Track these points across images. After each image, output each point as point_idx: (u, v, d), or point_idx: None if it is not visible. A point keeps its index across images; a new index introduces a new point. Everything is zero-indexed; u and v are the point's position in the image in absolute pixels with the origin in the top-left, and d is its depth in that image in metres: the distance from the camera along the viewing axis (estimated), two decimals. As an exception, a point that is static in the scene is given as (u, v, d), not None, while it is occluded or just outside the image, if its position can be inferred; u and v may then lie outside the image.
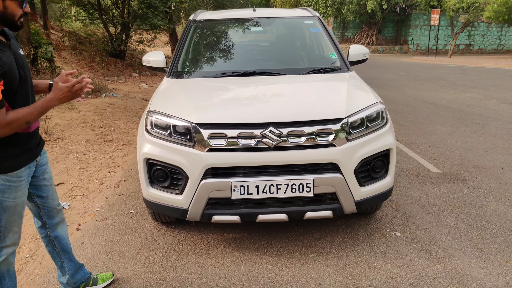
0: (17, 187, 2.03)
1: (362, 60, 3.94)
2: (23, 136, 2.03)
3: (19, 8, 1.89)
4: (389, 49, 29.25)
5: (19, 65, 1.92)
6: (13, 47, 1.97)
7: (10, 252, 2.12)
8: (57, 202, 2.40)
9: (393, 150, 2.93)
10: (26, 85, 1.99)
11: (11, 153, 1.97)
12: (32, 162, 2.13)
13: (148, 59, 3.98)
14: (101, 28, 15.36)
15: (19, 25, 1.94)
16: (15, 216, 2.07)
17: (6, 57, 1.83)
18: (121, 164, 5.13)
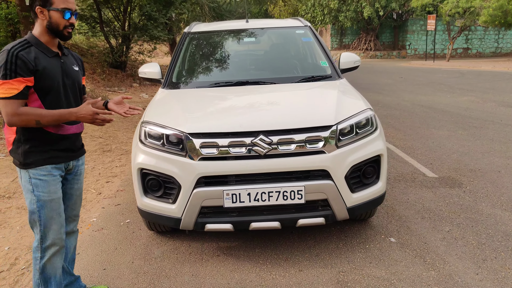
0: (49, 182, 2.14)
1: (353, 67, 3.99)
2: (55, 136, 2.15)
3: (62, 18, 2.06)
4: (387, 54, 29.40)
5: (64, 74, 2.16)
6: (65, 59, 2.21)
7: (53, 252, 2.20)
8: (76, 213, 2.47)
9: (384, 156, 2.96)
10: (67, 92, 2.19)
11: (40, 149, 2.11)
12: (63, 163, 2.22)
13: (144, 71, 4.05)
14: (102, 40, 15.54)
15: (66, 35, 2.12)
16: (53, 213, 2.16)
17: (47, 62, 2.05)
18: (119, 174, 5.16)
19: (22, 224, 3.75)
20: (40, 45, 2.08)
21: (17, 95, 1.96)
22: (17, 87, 1.95)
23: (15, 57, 1.95)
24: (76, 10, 2.15)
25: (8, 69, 1.94)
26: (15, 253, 3.25)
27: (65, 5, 2.07)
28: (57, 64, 2.12)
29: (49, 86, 2.07)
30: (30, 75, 1.98)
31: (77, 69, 2.29)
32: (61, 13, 2.05)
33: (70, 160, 2.28)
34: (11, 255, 3.22)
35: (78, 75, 2.30)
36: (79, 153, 2.37)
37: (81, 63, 2.42)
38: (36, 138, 2.10)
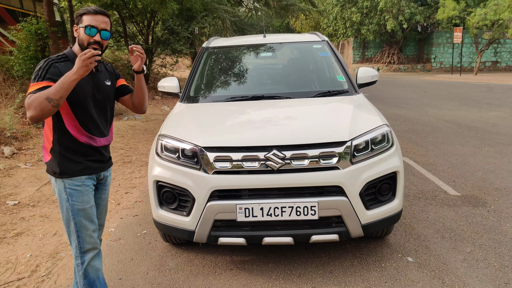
0: (83, 192, 2.24)
1: (371, 82, 3.96)
2: (86, 147, 2.24)
3: (85, 34, 2.14)
4: (411, 68, 29.02)
5: (95, 89, 2.25)
6: (98, 75, 2.30)
7: (91, 257, 2.29)
8: (101, 222, 2.53)
9: (400, 173, 2.90)
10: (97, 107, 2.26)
11: (74, 160, 2.21)
12: (95, 174, 2.32)
13: (163, 85, 4.15)
14: (126, 54, 15.96)
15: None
16: (86, 221, 2.25)
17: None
18: (138, 185, 5.24)
19: (44, 232, 3.85)
20: (74, 60, 2.13)
21: (37, 90, 2.01)
22: (39, 85, 2.03)
23: (49, 65, 2.09)
24: (106, 29, 2.20)
25: (39, 75, 2.07)
26: (37, 260, 3.33)
27: (90, 22, 2.15)
28: (89, 80, 2.20)
29: (79, 99, 2.15)
30: (54, 81, 2.04)
31: (109, 84, 2.37)
32: (84, 29, 2.15)
33: (101, 171, 2.37)
34: (33, 262, 3.30)
35: (110, 91, 2.39)
36: (108, 164, 2.45)
37: (112, 69, 2.49)
38: (70, 149, 2.20)
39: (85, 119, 2.21)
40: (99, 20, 2.17)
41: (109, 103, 2.38)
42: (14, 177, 5.39)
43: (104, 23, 2.19)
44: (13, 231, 3.87)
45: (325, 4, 30.11)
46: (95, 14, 2.17)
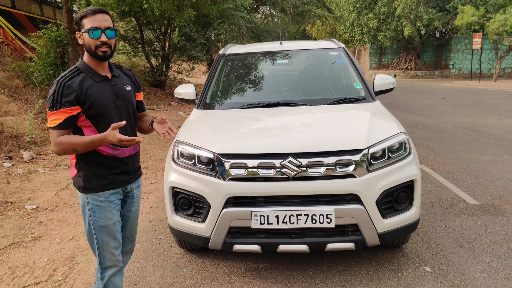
0: (105, 208, 2.17)
1: (388, 89, 3.93)
2: (111, 159, 2.17)
3: (90, 38, 2.05)
4: (429, 74, 28.64)
5: (116, 97, 2.16)
6: (115, 81, 2.21)
7: (112, 273, 2.27)
8: (133, 234, 2.48)
9: (418, 181, 2.86)
10: (121, 115, 2.17)
11: (99, 174, 2.15)
12: (121, 187, 2.24)
13: (180, 92, 4.19)
14: (143, 60, 16.22)
15: (100, 55, 2.09)
16: (108, 237, 2.21)
17: (96, 88, 2.08)
18: (154, 190, 5.29)
19: (62, 237, 3.91)
20: (89, 71, 2.11)
21: (59, 125, 2.01)
22: (60, 117, 2.00)
23: (62, 88, 2.01)
24: (110, 27, 2.09)
25: (54, 100, 2.00)
26: (54, 265, 3.38)
27: (91, 24, 2.05)
28: (107, 88, 2.13)
29: (101, 112, 2.09)
30: (74, 105, 2.01)
31: (129, 89, 2.29)
32: (88, 33, 2.05)
33: (128, 184, 2.29)
34: (50, 267, 3.36)
35: (131, 96, 2.29)
36: (136, 176, 2.36)
37: (134, 78, 2.40)
38: (93, 162, 2.13)
39: (106, 129, 2.06)
40: (100, 19, 2.06)
41: (131, 109, 2.30)
42: (33, 181, 5.50)
43: (105, 21, 2.08)
44: (31, 235, 3.94)
45: (342, 10, 30.02)
46: (93, 14, 2.06)
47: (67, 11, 8.92)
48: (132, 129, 2.29)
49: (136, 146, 2.33)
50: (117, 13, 13.70)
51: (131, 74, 2.39)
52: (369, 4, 28.06)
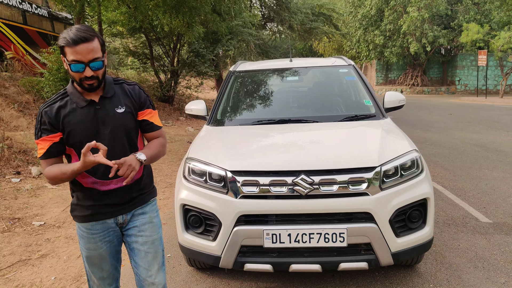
0: (89, 239, 2.02)
1: (398, 106, 3.92)
2: (94, 191, 1.98)
3: (74, 72, 1.83)
4: (435, 90, 28.64)
5: (100, 123, 1.91)
6: (104, 104, 1.94)
7: None
8: (150, 273, 2.10)
9: (431, 200, 2.83)
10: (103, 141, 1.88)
11: (82, 204, 2.00)
12: (108, 219, 2.03)
13: (191, 108, 4.20)
14: (152, 75, 16.40)
15: (86, 87, 1.87)
16: (94, 268, 2.09)
17: (75, 115, 1.88)
18: (162, 207, 5.27)
19: (69, 254, 3.89)
20: (74, 95, 1.92)
21: (45, 155, 1.90)
22: (43, 146, 1.89)
23: (40, 115, 1.89)
24: (96, 58, 1.82)
25: (37, 129, 1.90)
26: (61, 283, 3.35)
27: (73, 56, 1.78)
28: (88, 114, 1.90)
29: (80, 140, 1.88)
30: (55, 131, 1.88)
31: (122, 111, 1.98)
32: (70, 67, 1.81)
33: (117, 216, 2.05)
34: (57, 285, 3.32)
35: (122, 118, 1.98)
36: (132, 205, 2.08)
37: (134, 95, 2.06)
38: (79, 191, 2.00)
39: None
40: (83, 52, 1.78)
41: (124, 134, 1.99)
42: (40, 197, 5.51)
43: (90, 52, 1.79)
44: (38, 253, 3.92)
45: (348, 27, 30.31)
46: (75, 45, 1.76)
47: (78, 28, 9.06)
48: (123, 153, 1.95)
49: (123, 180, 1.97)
50: (127, 29, 13.93)
51: (131, 90, 2.07)
52: (375, 21, 28.33)
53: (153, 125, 2.13)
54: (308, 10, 21.36)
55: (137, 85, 2.12)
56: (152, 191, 2.20)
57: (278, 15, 20.50)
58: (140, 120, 2.08)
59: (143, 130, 2.13)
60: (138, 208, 2.11)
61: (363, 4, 28.25)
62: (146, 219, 2.12)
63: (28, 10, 12.44)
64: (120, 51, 17.00)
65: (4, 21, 11.17)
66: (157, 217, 2.19)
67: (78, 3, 8.18)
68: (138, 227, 2.09)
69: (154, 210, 2.19)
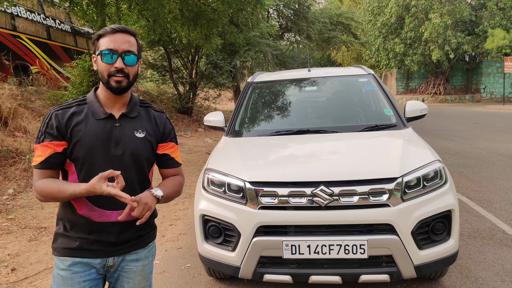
0: (64, 279, 1.64)
1: (419, 116, 3.86)
2: (87, 221, 1.64)
3: (102, 62, 1.60)
4: (459, 98, 28.05)
5: (114, 142, 1.63)
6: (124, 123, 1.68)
7: None
8: None
9: (455, 211, 2.75)
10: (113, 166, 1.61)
11: (68, 235, 1.66)
12: (95, 259, 1.66)
13: (209, 119, 4.25)
14: (171, 88, 16.66)
15: (113, 85, 1.61)
16: None
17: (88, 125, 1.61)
18: (182, 217, 5.30)
19: None
20: (93, 104, 1.66)
21: (41, 164, 1.59)
22: (42, 153, 1.58)
23: (49, 117, 1.60)
24: (131, 52, 1.61)
25: (41, 131, 1.61)
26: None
27: (106, 45, 1.59)
28: (104, 129, 1.62)
29: (84, 156, 1.59)
30: (59, 139, 1.58)
31: (142, 136, 1.70)
32: (101, 56, 1.60)
33: (108, 256, 1.69)
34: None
35: (139, 145, 1.69)
36: (125, 249, 1.71)
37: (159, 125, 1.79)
38: (69, 218, 1.65)
39: (87, 180, 1.55)
40: (119, 40, 1.59)
41: (135, 162, 1.69)
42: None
43: (126, 42, 1.60)
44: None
45: (367, 36, 30.11)
46: (113, 33, 1.60)
47: (101, 42, 9.31)
48: (134, 188, 1.68)
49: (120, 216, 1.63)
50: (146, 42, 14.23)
51: (157, 117, 1.81)
52: (395, 29, 28.05)
53: (174, 161, 1.87)
54: (326, 20, 21.33)
55: (164, 113, 1.87)
56: (152, 234, 1.85)
57: (296, 25, 20.57)
58: (161, 154, 1.81)
59: (161, 165, 1.86)
60: (132, 252, 1.75)
61: (383, 12, 28.04)
62: (139, 268, 1.77)
63: (52, 26, 12.88)
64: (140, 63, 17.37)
65: (29, 36, 11.59)
66: (151, 263, 1.85)
67: (99, 17, 8.41)
68: (127, 273, 1.75)
69: (150, 256, 1.84)
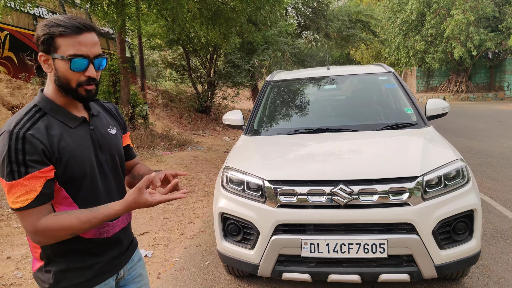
0: None
1: (441, 114, 3.80)
2: (98, 242, 1.46)
3: (70, 70, 1.32)
4: (481, 96, 27.39)
5: (98, 148, 1.45)
6: (96, 123, 1.49)
7: None
8: None
9: (478, 211, 2.70)
10: (105, 173, 1.47)
11: (78, 266, 1.42)
12: (109, 279, 1.52)
13: (228, 118, 4.28)
14: (190, 87, 16.81)
15: (83, 95, 1.37)
16: None
17: (69, 138, 1.36)
18: (201, 215, 5.36)
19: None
20: (57, 111, 1.37)
21: (36, 201, 1.26)
22: (34, 187, 1.25)
23: (21, 141, 1.24)
24: (100, 54, 1.37)
25: (14, 162, 1.23)
26: None
27: (75, 49, 1.30)
28: (86, 137, 1.42)
29: (79, 174, 1.36)
30: (47, 164, 1.28)
31: (114, 132, 1.56)
32: (68, 63, 1.30)
33: (121, 268, 1.58)
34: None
35: (117, 142, 1.56)
36: (130, 252, 1.63)
37: (118, 114, 1.66)
38: (71, 250, 1.41)
39: (89, 200, 1.39)
40: (89, 43, 1.33)
41: (120, 162, 1.57)
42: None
43: (95, 45, 1.35)
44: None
45: (387, 33, 29.66)
46: (78, 33, 1.31)
47: (120, 42, 9.45)
48: (119, 189, 1.55)
49: (129, 216, 1.62)
50: (165, 42, 14.39)
51: (113, 108, 1.66)
52: (416, 26, 27.56)
53: (133, 150, 1.75)
54: (345, 17, 21.13)
55: (111, 104, 1.69)
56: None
57: (314, 23, 20.44)
58: (125, 146, 1.67)
59: (127, 158, 1.71)
60: (133, 256, 1.66)
61: (403, 9, 27.55)
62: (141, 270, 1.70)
63: (73, 27, 13.10)
64: (159, 63, 17.59)
65: (52, 37, 11.83)
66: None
67: (119, 18, 8.53)
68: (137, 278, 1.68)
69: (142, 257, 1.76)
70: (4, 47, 9.93)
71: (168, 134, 10.78)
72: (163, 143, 9.91)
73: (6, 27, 9.91)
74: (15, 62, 10.21)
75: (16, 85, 9.15)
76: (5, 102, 8.22)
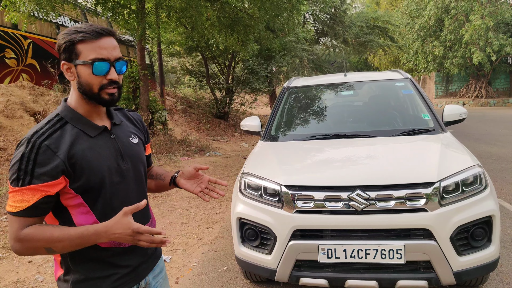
0: None
1: (458, 120, 3.79)
2: (115, 251, 1.43)
3: (93, 74, 1.34)
4: (502, 102, 26.85)
5: (119, 156, 1.45)
6: (117, 132, 1.50)
7: None
8: None
9: (496, 217, 2.69)
10: (127, 183, 1.47)
11: (96, 276, 1.41)
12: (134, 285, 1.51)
13: (246, 124, 4.35)
14: (208, 93, 17.01)
15: (106, 99, 1.38)
16: None
17: (89, 148, 1.37)
18: (219, 220, 5.42)
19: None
20: (78, 120, 1.39)
21: (26, 211, 1.27)
22: (29, 198, 1.27)
23: (35, 151, 1.27)
24: (121, 58, 1.39)
25: (21, 170, 1.25)
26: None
27: (95, 53, 1.33)
28: (105, 145, 1.42)
29: (97, 183, 1.36)
30: (56, 177, 1.29)
31: (136, 141, 1.56)
32: (90, 67, 1.33)
33: (143, 278, 1.54)
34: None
35: (139, 151, 1.56)
36: (152, 262, 1.59)
37: (141, 124, 1.67)
38: (88, 259, 1.39)
39: (107, 208, 1.39)
40: (108, 47, 1.36)
41: (143, 169, 1.56)
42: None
43: (115, 48, 1.38)
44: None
45: (405, 39, 29.41)
46: (98, 37, 1.34)
47: (140, 49, 9.66)
48: (140, 199, 1.48)
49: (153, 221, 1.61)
50: (184, 49, 14.61)
51: (136, 118, 1.67)
52: (434, 32, 27.27)
53: (151, 159, 1.78)
54: (362, 23, 21.08)
55: (135, 113, 1.71)
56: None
57: (332, 29, 20.44)
58: (147, 155, 1.69)
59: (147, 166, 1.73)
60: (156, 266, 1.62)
61: (421, 14, 27.32)
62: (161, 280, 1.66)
63: (94, 35, 13.43)
64: (178, 69, 17.88)
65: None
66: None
67: (140, 26, 8.73)
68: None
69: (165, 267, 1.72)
70: (27, 55, 10.27)
71: (187, 139, 10.92)
72: (182, 149, 10.04)
73: (30, 35, 10.24)
74: (38, 69, 10.53)
75: (39, 92, 9.43)
76: (28, 109, 8.48)
